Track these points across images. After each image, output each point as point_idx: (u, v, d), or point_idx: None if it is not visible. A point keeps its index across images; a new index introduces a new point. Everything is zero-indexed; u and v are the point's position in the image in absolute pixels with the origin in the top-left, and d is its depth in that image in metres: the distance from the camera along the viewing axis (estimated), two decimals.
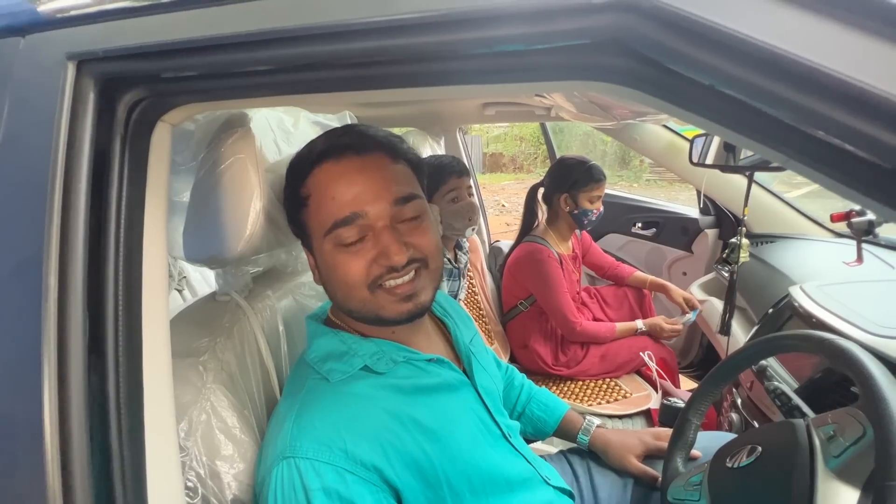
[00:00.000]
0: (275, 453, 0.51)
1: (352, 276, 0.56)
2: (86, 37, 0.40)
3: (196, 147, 0.66)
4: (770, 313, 1.09)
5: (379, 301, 0.56)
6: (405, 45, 0.34)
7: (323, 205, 0.56)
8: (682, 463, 0.70)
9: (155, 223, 0.47)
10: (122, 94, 0.42)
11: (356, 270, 0.55)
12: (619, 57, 0.31)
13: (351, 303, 0.58)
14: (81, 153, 0.40)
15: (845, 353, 0.52)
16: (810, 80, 0.24)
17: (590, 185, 1.47)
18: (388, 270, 0.55)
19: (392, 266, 0.55)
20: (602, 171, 1.50)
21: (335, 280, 0.58)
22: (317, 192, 0.57)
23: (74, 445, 0.37)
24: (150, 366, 0.44)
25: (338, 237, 0.55)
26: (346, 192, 0.55)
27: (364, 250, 0.56)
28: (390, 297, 0.56)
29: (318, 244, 0.58)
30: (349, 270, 0.56)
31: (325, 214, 0.56)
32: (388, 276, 0.56)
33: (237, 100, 0.47)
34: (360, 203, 0.55)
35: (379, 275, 0.55)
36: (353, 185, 0.55)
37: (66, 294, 0.38)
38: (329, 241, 0.56)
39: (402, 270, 0.56)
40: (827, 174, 0.28)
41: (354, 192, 0.55)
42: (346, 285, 0.56)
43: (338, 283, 0.57)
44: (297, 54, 0.37)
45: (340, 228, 0.55)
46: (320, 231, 0.57)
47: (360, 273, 0.55)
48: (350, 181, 0.55)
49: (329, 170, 0.57)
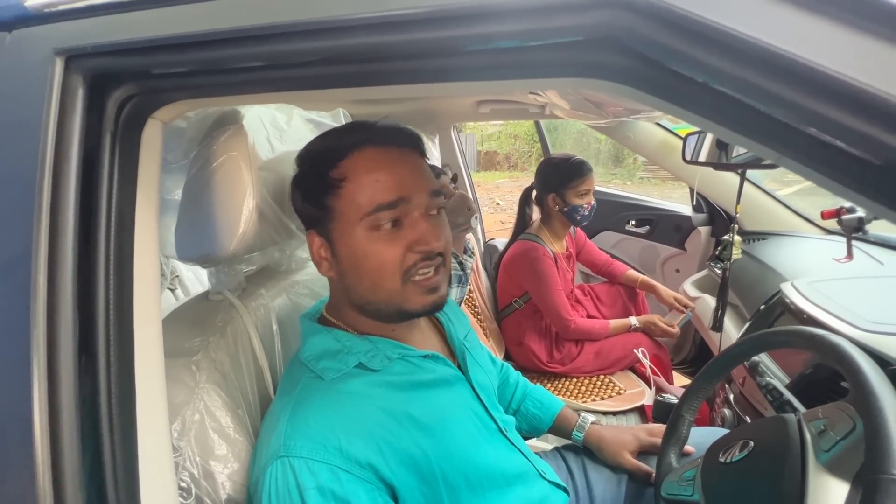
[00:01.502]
0: (269, 453, 0.51)
1: (388, 264, 0.55)
2: (74, 32, 0.39)
3: (188, 145, 0.65)
4: (762, 310, 1.10)
5: (406, 293, 0.57)
6: (399, 41, 0.33)
7: (365, 187, 0.55)
8: (675, 458, 0.71)
9: (146, 221, 0.46)
10: (111, 91, 0.42)
11: (392, 257, 0.55)
12: (613, 54, 0.31)
13: (378, 293, 0.57)
14: (70, 151, 0.39)
15: (836, 349, 0.53)
16: (803, 78, 0.24)
17: (575, 181, 1.47)
18: (422, 258, 0.56)
19: (430, 251, 0.56)
20: (587, 165, 1.50)
21: (366, 268, 0.56)
22: (357, 175, 0.55)
23: (65, 446, 0.36)
24: (142, 366, 0.43)
25: (377, 220, 0.55)
26: (390, 177, 0.55)
27: (399, 237, 0.55)
28: (418, 289, 0.57)
29: (348, 229, 0.56)
30: (385, 257, 0.55)
31: (366, 197, 0.55)
32: (421, 266, 0.56)
33: (229, 96, 0.46)
34: (404, 188, 0.55)
35: (413, 264, 0.56)
36: (396, 172, 0.56)
37: (55, 294, 0.37)
38: (364, 226, 0.55)
39: (433, 260, 0.57)
40: (819, 171, 0.28)
41: (399, 178, 0.56)
42: (379, 273, 0.56)
43: (368, 271, 0.56)
44: (290, 50, 0.36)
45: (383, 212, 0.55)
46: (356, 214, 0.55)
47: (396, 260, 0.55)
48: (393, 168, 0.56)
49: (373, 154, 0.56)
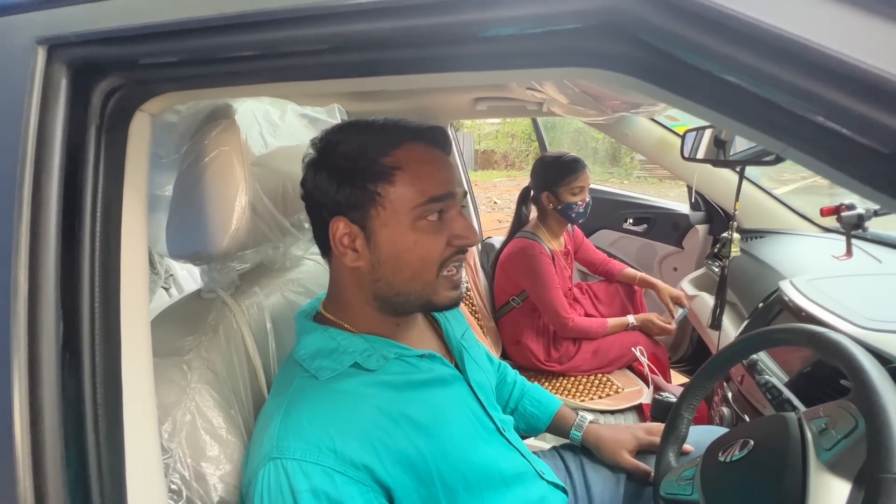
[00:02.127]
0: (261, 454, 0.50)
1: (431, 254, 0.58)
2: (57, 20, 0.38)
3: (179, 139, 0.64)
4: (760, 308, 1.10)
5: (437, 285, 0.59)
6: (395, 28, 0.32)
7: (421, 178, 0.57)
8: (674, 457, 0.70)
9: (134, 217, 0.45)
10: (96, 82, 0.40)
11: (436, 248, 0.58)
12: (613, 42, 0.30)
13: (414, 283, 0.58)
14: (53, 144, 0.38)
15: (837, 347, 0.52)
16: (811, 62, 0.23)
17: (567, 178, 1.46)
18: (456, 252, 0.59)
19: (469, 244, 0.59)
20: (581, 163, 1.48)
21: (408, 258, 0.57)
22: (412, 166, 0.57)
23: (47, 450, 0.35)
24: (129, 365, 0.42)
25: (426, 211, 0.57)
26: (442, 172, 0.59)
27: (444, 230, 0.58)
28: (447, 284, 0.60)
29: (394, 218, 0.56)
30: (431, 248, 0.58)
31: (420, 188, 0.57)
32: (454, 259, 0.59)
33: (220, 88, 0.45)
34: (452, 185, 0.59)
35: (448, 257, 0.59)
36: (444, 169, 0.60)
37: (37, 291, 0.36)
38: (413, 215, 0.56)
39: (463, 255, 0.60)
40: (825, 161, 0.27)
41: (447, 174, 0.59)
42: (422, 263, 0.58)
43: (409, 262, 0.57)
44: (283, 38, 0.35)
45: (434, 203, 0.57)
46: (407, 204, 0.56)
47: (438, 251, 0.58)
48: (442, 164, 0.60)
49: (424, 149, 0.59)
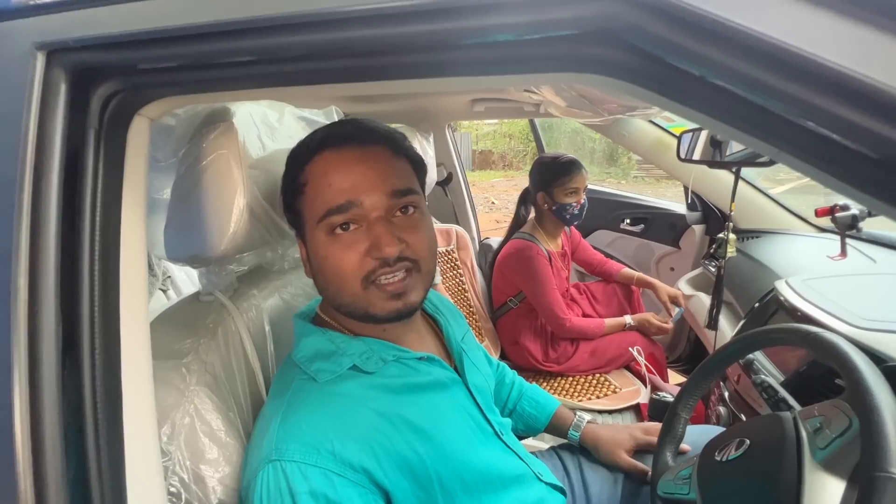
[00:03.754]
0: (260, 456, 0.50)
1: (345, 268, 0.55)
2: (56, 25, 0.38)
3: (177, 143, 0.64)
4: (756, 307, 1.10)
5: (369, 297, 0.56)
6: (392, 34, 0.33)
7: (319, 192, 0.56)
8: (671, 457, 0.71)
9: (133, 221, 0.45)
10: (95, 87, 0.41)
11: (349, 262, 0.55)
12: (609, 48, 0.30)
13: (343, 296, 0.57)
14: (52, 149, 0.38)
15: (832, 346, 0.53)
16: (801, 69, 0.24)
17: (562, 179, 1.46)
18: (380, 265, 0.55)
19: (384, 258, 0.54)
20: (577, 164, 1.48)
21: (327, 271, 0.57)
22: (314, 180, 0.56)
23: (48, 453, 0.35)
24: (129, 369, 0.42)
25: (330, 224, 0.55)
26: (343, 180, 0.55)
27: (357, 242, 0.55)
28: (381, 294, 0.56)
29: (311, 233, 0.57)
30: (342, 262, 0.55)
31: (321, 202, 0.55)
32: (380, 272, 0.55)
33: (219, 92, 0.45)
34: (356, 192, 0.55)
35: (372, 270, 0.55)
36: (350, 175, 0.55)
37: (37, 295, 0.36)
38: (321, 230, 0.56)
39: (394, 266, 0.55)
40: (816, 166, 0.28)
41: (352, 181, 0.55)
42: (339, 277, 0.56)
43: (330, 275, 0.57)
44: (281, 44, 0.35)
45: (334, 216, 0.55)
46: (314, 218, 0.56)
47: (353, 265, 0.55)
48: (349, 170, 0.55)
49: (329, 158, 0.56)
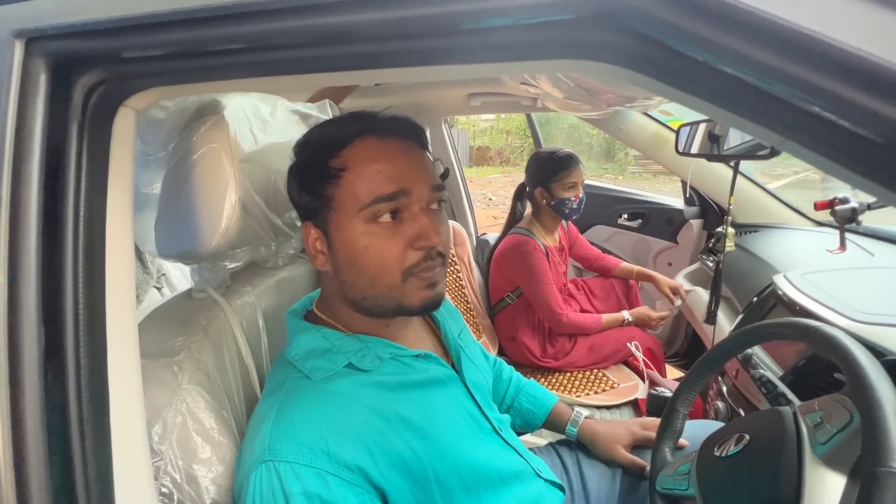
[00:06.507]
0: (253, 456, 0.49)
1: (389, 258, 0.54)
2: (34, 12, 0.37)
3: (167, 136, 0.63)
4: (754, 302, 1.10)
5: (406, 289, 0.55)
6: (386, 19, 0.31)
7: (365, 178, 0.53)
8: (670, 452, 0.70)
9: (119, 216, 0.44)
10: (77, 77, 0.39)
11: (393, 253, 0.54)
12: (607, 33, 0.29)
13: (376, 288, 0.55)
14: (32, 142, 0.37)
15: (831, 340, 0.52)
16: (807, 50, 0.23)
17: (560, 174, 1.46)
18: (423, 258, 0.54)
19: (432, 246, 0.54)
20: (574, 158, 1.48)
21: (364, 262, 0.54)
22: (357, 165, 0.54)
23: (30, 457, 0.34)
24: (115, 368, 0.41)
25: (376, 212, 0.53)
26: (392, 168, 0.54)
27: (400, 232, 0.54)
28: (419, 283, 0.55)
29: (345, 221, 0.54)
30: (386, 252, 0.53)
31: (366, 188, 0.53)
32: (424, 265, 0.55)
33: (207, 82, 0.44)
34: (406, 180, 0.54)
35: (415, 262, 0.54)
36: (398, 164, 0.54)
37: (17, 293, 0.35)
38: (363, 217, 0.53)
39: (435, 261, 0.55)
40: (821, 153, 0.27)
41: (401, 170, 0.54)
42: (380, 267, 0.54)
43: (366, 266, 0.54)
44: (272, 30, 0.34)
45: (382, 203, 0.53)
46: (355, 206, 0.53)
47: (397, 256, 0.54)
48: (396, 159, 0.55)
49: (374, 144, 0.55)
